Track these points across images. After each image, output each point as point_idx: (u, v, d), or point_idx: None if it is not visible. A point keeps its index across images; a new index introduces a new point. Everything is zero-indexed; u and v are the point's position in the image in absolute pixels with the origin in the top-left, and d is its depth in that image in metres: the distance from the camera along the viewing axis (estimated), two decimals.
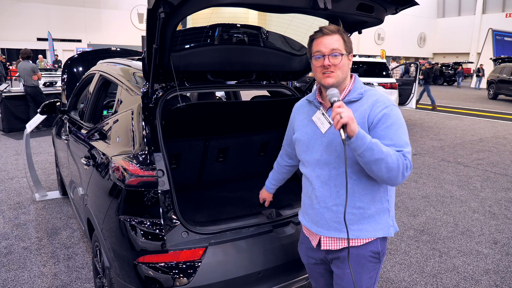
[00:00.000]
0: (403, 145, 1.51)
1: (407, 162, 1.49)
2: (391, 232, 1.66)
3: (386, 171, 1.44)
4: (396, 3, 1.94)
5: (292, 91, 2.83)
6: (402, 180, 1.50)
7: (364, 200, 1.59)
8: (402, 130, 1.54)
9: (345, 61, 1.58)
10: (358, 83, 1.66)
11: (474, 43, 36.02)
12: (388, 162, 1.42)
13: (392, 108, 1.55)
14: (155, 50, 1.84)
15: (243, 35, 2.36)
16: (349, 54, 1.61)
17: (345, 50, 1.58)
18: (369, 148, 1.40)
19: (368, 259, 1.64)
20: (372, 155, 1.41)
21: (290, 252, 2.12)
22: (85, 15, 27.83)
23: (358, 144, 1.40)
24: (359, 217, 1.60)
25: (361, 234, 1.61)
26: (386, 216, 1.65)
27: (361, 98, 1.60)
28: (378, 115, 1.53)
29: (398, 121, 1.54)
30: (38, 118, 4.53)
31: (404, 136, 1.53)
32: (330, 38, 1.57)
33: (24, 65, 8.44)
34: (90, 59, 4.52)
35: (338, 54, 1.56)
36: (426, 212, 4.43)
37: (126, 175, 1.92)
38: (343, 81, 1.61)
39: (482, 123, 11.11)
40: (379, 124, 1.53)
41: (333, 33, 1.58)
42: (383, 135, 1.51)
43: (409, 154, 1.51)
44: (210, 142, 2.83)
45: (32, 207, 4.32)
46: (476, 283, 3.03)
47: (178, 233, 1.90)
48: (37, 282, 2.91)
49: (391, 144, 1.50)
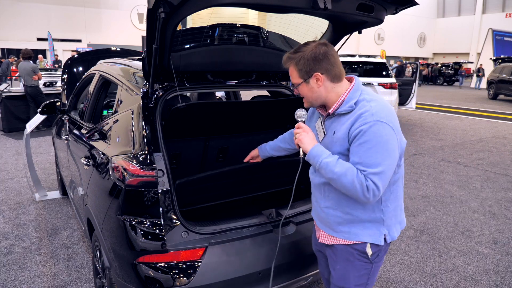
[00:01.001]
0: (371, 165, 1.45)
1: (369, 183, 1.44)
2: (381, 241, 1.64)
3: (341, 187, 1.52)
4: (396, 3, 1.94)
5: (292, 91, 2.83)
6: (366, 200, 1.48)
7: (353, 207, 1.62)
8: (376, 149, 1.45)
9: (304, 89, 1.60)
10: (354, 92, 1.58)
11: (474, 43, 36.02)
12: (342, 181, 1.48)
13: (372, 125, 1.46)
14: (155, 50, 1.84)
15: (243, 35, 2.36)
16: (309, 78, 1.56)
17: (301, 78, 1.59)
18: (321, 167, 1.53)
19: (356, 257, 1.67)
20: (325, 173, 1.53)
21: (291, 252, 2.12)
22: (85, 15, 27.82)
23: (311, 161, 1.57)
24: (347, 220, 1.64)
25: (349, 236, 1.65)
26: (378, 225, 1.64)
27: (351, 111, 1.55)
28: (355, 131, 1.48)
29: (374, 139, 1.45)
30: (38, 118, 4.53)
31: (375, 156, 1.45)
32: (289, 70, 1.65)
33: (24, 65, 8.43)
34: (90, 59, 4.52)
35: (295, 86, 1.63)
36: (426, 212, 4.43)
37: (126, 175, 1.92)
38: (324, 100, 1.61)
39: (482, 123, 11.11)
40: (354, 140, 1.49)
41: (287, 65, 1.64)
42: (354, 151, 1.50)
43: (374, 175, 1.44)
44: (210, 142, 2.83)
45: (32, 207, 4.32)
46: (476, 283, 3.03)
47: (178, 233, 1.90)
48: (37, 282, 2.91)
49: (358, 162, 1.47)
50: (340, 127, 1.56)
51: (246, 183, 2.60)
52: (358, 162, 1.48)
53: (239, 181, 2.56)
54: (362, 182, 1.45)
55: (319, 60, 1.54)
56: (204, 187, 2.39)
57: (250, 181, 2.61)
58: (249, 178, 2.59)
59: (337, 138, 1.56)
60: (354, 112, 1.53)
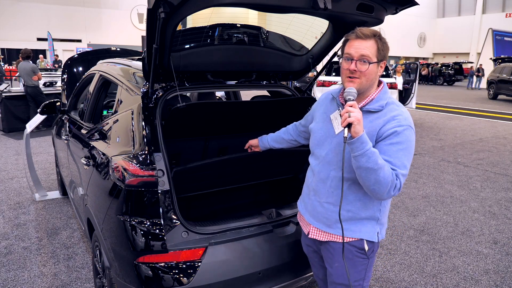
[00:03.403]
0: (400, 166, 1.50)
1: (397, 182, 1.49)
2: (375, 238, 1.69)
3: (373, 182, 1.46)
4: (396, 3, 1.94)
5: (292, 91, 2.83)
6: (387, 197, 1.52)
7: (355, 205, 1.63)
8: (405, 152, 1.52)
9: (373, 69, 1.55)
10: (384, 94, 1.62)
11: (474, 43, 36.01)
12: (379, 175, 1.44)
13: (405, 129, 1.53)
14: (155, 50, 1.84)
15: (243, 35, 2.36)
16: (381, 62, 1.57)
17: (376, 58, 1.55)
18: (366, 154, 1.42)
19: (355, 254, 1.69)
20: (366, 162, 1.42)
21: (290, 252, 2.12)
22: (85, 15, 27.82)
23: (357, 146, 1.42)
24: (347, 218, 1.65)
25: (347, 233, 1.66)
26: (373, 223, 1.68)
27: (380, 111, 1.58)
28: (389, 131, 1.52)
29: (406, 142, 1.52)
30: (38, 118, 4.52)
31: (404, 159, 1.51)
32: (362, 43, 1.53)
33: (24, 65, 8.43)
34: (90, 59, 4.51)
35: (367, 61, 1.53)
36: (426, 212, 4.43)
37: (126, 175, 1.92)
38: (367, 88, 1.59)
39: (482, 123, 11.11)
40: (385, 139, 1.52)
41: (367, 38, 1.54)
42: (385, 150, 1.51)
43: (403, 176, 1.51)
44: (210, 142, 2.83)
45: (32, 207, 4.32)
46: (476, 283, 3.03)
47: (178, 233, 1.90)
48: (37, 282, 2.91)
49: (388, 160, 1.50)
50: (367, 124, 1.56)
51: (244, 172, 2.62)
52: (388, 161, 1.49)
53: (237, 170, 2.57)
54: (394, 179, 1.48)
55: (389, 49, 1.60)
56: (201, 174, 2.40)
57: (249, 170, 2.62)
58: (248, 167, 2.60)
59: None
60: (385, 113, 1.57)
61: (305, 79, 13.01)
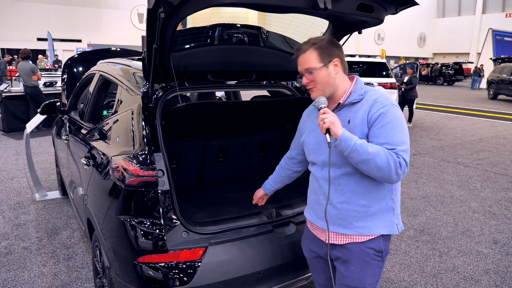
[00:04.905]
0: (397, 143, 1.53)
1: (400, 160, 1.51)
2: (396, 230, 1.67)
3: (376, 170, 1.49)
4: (396, 3, 1.93)
5: (292, 91, 2.83)
6: (397, 178, 1.53)
7: (369, 198, 1.62)
8: (398, 129, 1.56)
9: (323, 74, 1.61)
10: (359, 85, 1.68)
11: (474, 43, 36.03)
12: (377, 161, 1.47)
13: (390, 108, 1.57)
14: (155, 50, 1.84)
15: (243, 35, 2.36)
16: (329, 63, 1.62)
17: (321, 62, 1.60)
18: (354, 149, 1.48)
19: (372, 256, 1.66)
20: (358, 156, 1.48)
21: (290, 252, 2.12)
22: (85, 15, 27.82)
23: (343, 146, 1.49)
24: (363, 214, 1.63)
25: (364, 231, 1.63)
26: (390, 215, 1.67)
27: (362, 99, 1.63)
28: (375, 114, 1.56)
29: (394, 120, 1.56)
30: (38, 118, 4.53)
31: (398, 135, 1.55)
32: (303, 57, 1.63)
33: (23, 65, 8.43)
34: (90, 59, 4.52)
35: (312, 72, 1.61)
36: (426, 212, 4.43)
37: (126, 175, 1.92)
38: (336, 88, 1.65)
39: (482, 123, 11.11)
40: (375, 123, 1.56)
41: (304, 51, 1.63)
42: (378, 133, 1.55)
43: (403, 152, 1.52)
44: (210, 142, 2.83)
45: (32, 207, 4.32)
46: (476, 283, 3.03)
47: (178, 233, 1.90)
48: (37, 282, 2.91)
49: (384, 142, 1.53)
50: (354, 114, 1.61)
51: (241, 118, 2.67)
52: (385, 143, 1.52)
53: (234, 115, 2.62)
54: (395, 159, 1.49)
55: (337, 45, 1.66)
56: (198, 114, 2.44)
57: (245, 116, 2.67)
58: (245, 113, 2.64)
59: (354, 125, 1.60)
60: (366, 100, 1.62)
61: None
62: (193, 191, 2.81)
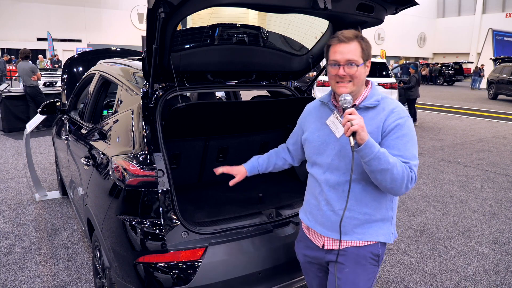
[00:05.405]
0: (411, 157, 1.52)
1: (412, 174, 1.50)
2: (391, 239, 1.67)
3: (390, 181, 1.46)
4: (396, 3, 1.94)
5: (292, 91, 2.83)
6: (405, 191, 1.51)
7: (372, 206, 1.60)
8: (412, 143, 1.54)
9: (361, 71, 1.54)
10: (374, 89, 1.64)
11: (474, 43, 36.02)
12: (393, 172, 1.44)
13: (407, 120, 1.56)
14: (155, 50, 1.84)
15: (243, 35, 2.36)
16: (367, 61, 1.57)
17: (362, 59, 1.54)
18: (377, 157, 1.41)
19: (368, 260, 1.64)
20: (378, 164, 1.42)
21: (290, 252, 2.11)
22: (85, 15, 27.82)
23: (366, 152, 1.40)
24: (363, 222, 1.61)
25: (364, 236, 1.62)
26: (388, 224, 1.66)
27: (377, 106, 1.59)
28: (392, 125, 1.53)
29: (410, 133, 1.55)
30: (38, 118, 4.53)
31: (412, 149, 1.54)
32: (346, 47, 1.52)
33: (23, 65, 8.43)
34: (90, 59, 4.52)
35: (354, 65, 1.52)
36: (426, 212, 4.43)
37: (126, 175, 1.92)
38: (359, 90, 1.60)
39: (482, 123, 11.11)
40: (390, 134, 1.53)
41: (350, 40, 1.52)
42: (393, 145, 1.52)
43: (415, 167, 1.52)
44: (210, 142, 2.83)
45: (32, 207, 4.32)
46: (476, 283, 3.03)
47: (178, 233, 1.90)
48: (37, 282, 2.91)
49: (398, 155, 1.50)
50: (369, 121, 1.55)
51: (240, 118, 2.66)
52: (398, 155, 1.50)
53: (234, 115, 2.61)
54: (408, 173, 1.48)
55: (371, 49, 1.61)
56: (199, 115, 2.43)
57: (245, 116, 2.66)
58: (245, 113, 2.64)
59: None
60: (383, 107, 1.57)
61: (305, 79, 13.03)
62: (193, 191, 2.81)
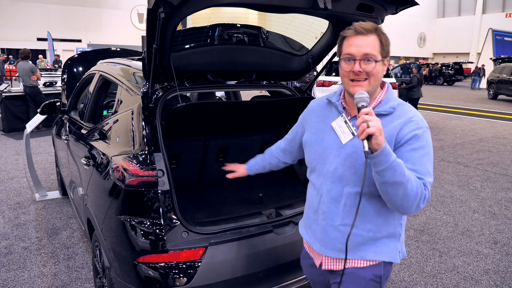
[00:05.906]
0: (425, 173, 1.32)
1: (426, 193, 1.31)
2: (397, 258, 1.49)
3: (401, 197, 1.26)
4: (396, 3, 1.94)
5: (292, 91, 2.83)
6: (415, 211, 1.32)
7: (376, 223, 1.42)
8: (428, 157, 1.35)
9: (379, 68, 1.35)
10: (391, 94, 1.43)
11: (474, 43, 36.02)
12: (407, 187, 1.24)
13: (425, 131, 1.37)
14: (155, 50, 1.84)
15: (243, 35, 2.36)
16: (385, 59, 1.38)
17: (381, 55, 1.35)
18: (392, 167, 1.21)
19: (369, 282, 1.47)
20: (393, 176, 1.22)
21: (290, 252, 2.12)
22: (85, 15, 27.82)
23: (381, 159, 1.20)
24: (367, 239, 1.44)
25: (366, 255, 1.45)
26: (395, 241, 1.48)
27: (392, 113, 1.39)
28: (408, 135, 1.34)
29: (427, 146, 1.36)
30: (38, 118, 4.53)
31: (428, 164, 1.34)
32: (364, 39, 1.33)
33: (22, 65, 8.42)
34: (90, 59, 4.52)
35: (372, 60, 1.33)
36: (426, 212, 4.42)
37: (126, 175, 1.92)
38: (373, 91, 1.39)
39: (482, 123, 11.11)
40: (405, 144, 1.34)
41: (369, 32, 1.33)
42: (407, 157, 1.32)
43: (429, 184, 1.33)
44: (210, 142, 2.83)
45: (32, 207, 4.32)
46: (476, 283, 3.03)
47: (178, 233, 1.90)
48: (37, 282, 2.91)
49: (412, 169, 1.31)
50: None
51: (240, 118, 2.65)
52: (412, 169, 1.31)
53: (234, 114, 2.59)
54: (422, 191, 1.30)
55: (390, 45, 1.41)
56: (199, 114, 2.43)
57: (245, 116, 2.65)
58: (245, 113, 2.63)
59: None
60: (399, 115, 1.38)
61: (305, 79, 13.02)
62: (193, 191, 2.81)
